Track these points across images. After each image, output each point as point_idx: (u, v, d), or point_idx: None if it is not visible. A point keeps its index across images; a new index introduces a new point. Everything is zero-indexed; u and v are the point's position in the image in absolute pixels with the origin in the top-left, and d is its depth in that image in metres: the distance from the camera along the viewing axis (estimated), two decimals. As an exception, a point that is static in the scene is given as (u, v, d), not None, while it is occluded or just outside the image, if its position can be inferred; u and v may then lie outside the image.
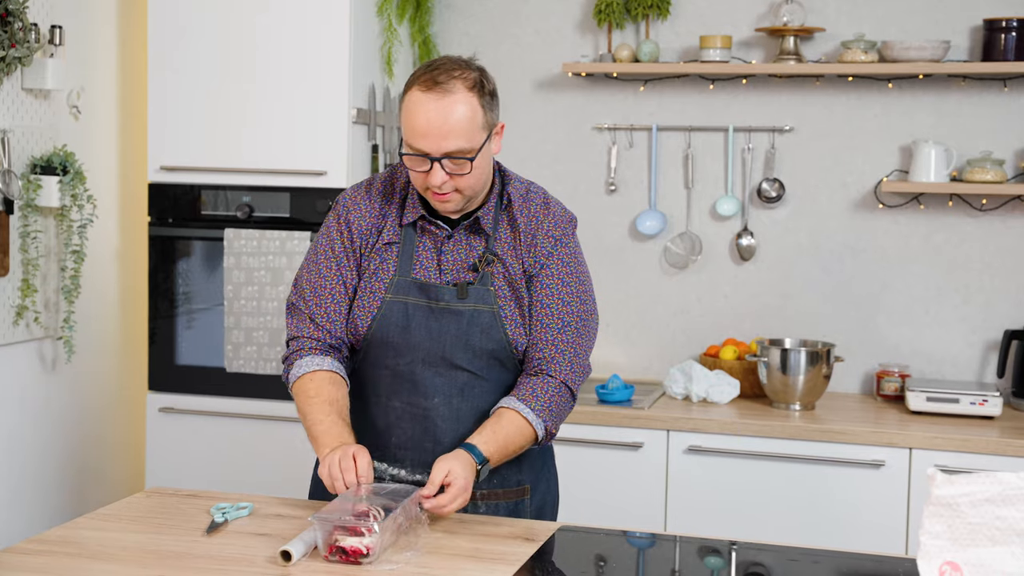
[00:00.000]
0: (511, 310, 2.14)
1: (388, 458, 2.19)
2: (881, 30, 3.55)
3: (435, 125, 2.02)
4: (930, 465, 3.09)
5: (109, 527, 2.01)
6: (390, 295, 2.15)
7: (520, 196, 2.18)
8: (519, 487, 2.22)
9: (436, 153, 2.04)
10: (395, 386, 2.16)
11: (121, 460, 3.81)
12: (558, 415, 2.16)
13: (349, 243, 2.19)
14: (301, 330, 2.20)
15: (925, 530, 1.43)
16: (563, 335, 2.15)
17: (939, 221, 3.56)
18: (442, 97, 2.02)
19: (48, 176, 3.29)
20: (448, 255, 2.16)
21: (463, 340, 2.13)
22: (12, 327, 3.28)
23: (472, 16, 3.86)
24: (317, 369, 2.16)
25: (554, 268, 2.15)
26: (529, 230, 2.15)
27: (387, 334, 2.14)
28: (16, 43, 3.15)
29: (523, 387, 2.15)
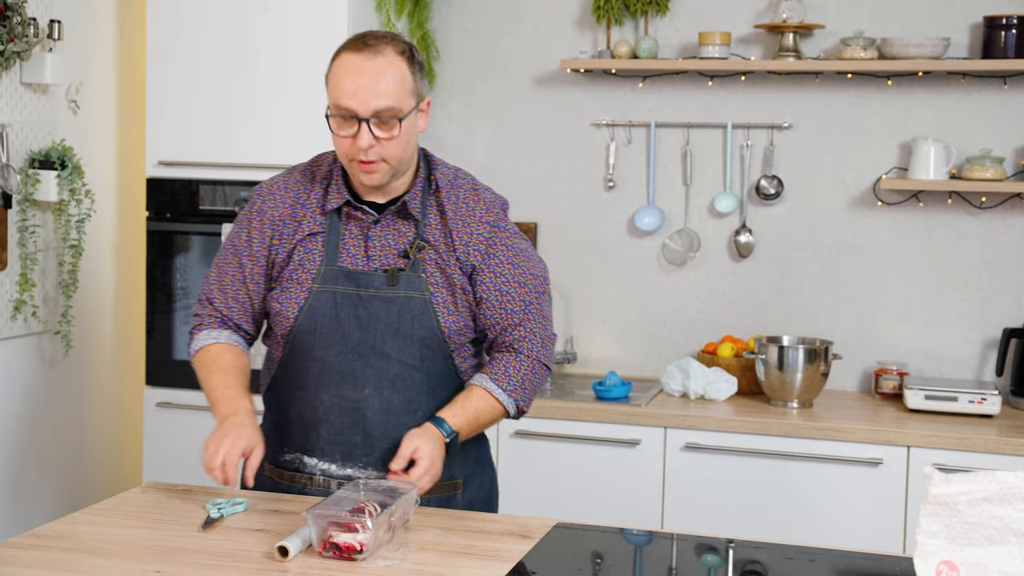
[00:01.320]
0: (443, 297, 2.13)
1: (317, 452, 2.16)
2: (880, 27, 3.54)
3: (365, 84, 2.03)
4: (928, 464, 3.09)
5: (105, 522, 2.01)
6: (317, 285, 2.13)
7: (448, 182, 2.18)
8: (451, 481, 2.20)
9: (365, 112, 2.03)
10: (323, 378, 2.13)
11: (118, 455, 3.81)
12: (531, 391, 2.20)
13: (258, 234, 2.18)
14: (203, 309, 2.25)
15: (922, 529, 1.43)
16: (527, 315, 2.18)
17: (938, 219, 3.56)
18: (373, 57, 2.05)
19: (46, 171, 3.29)
20: (375, 241, 2.14)
21: (394, 328, 2.11)
22: (10, 321, 3.28)
23: (470, 12, 3.86)
24: (214, 342, 2.20)
25: (500, 255, 2.16)
26: (459, 217, 2.15)
27: (315, 324, 2.13)
28: (15, 37, 3.14)
29: (495, 364, 2.18)
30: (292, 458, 2.20)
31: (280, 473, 2.21)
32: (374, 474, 2.14)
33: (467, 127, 3.88)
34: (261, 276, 2.19)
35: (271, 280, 2.19)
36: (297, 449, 2.19)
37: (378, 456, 2.14)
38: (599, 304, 3.81)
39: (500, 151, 3.86)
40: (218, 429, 2.07)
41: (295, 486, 2.19)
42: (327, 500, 1.91)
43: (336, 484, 2.15)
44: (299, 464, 2.19)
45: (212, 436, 2.05)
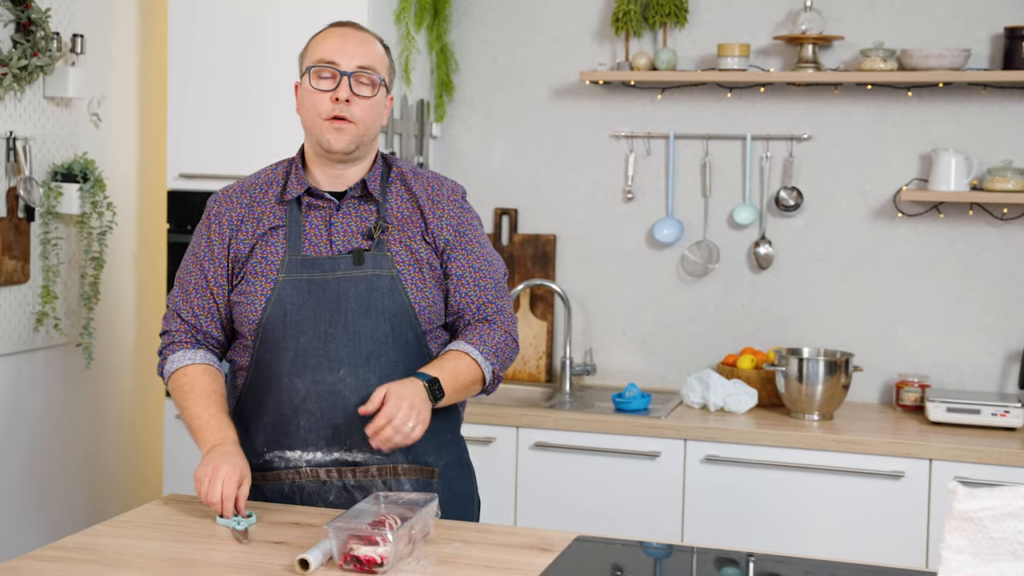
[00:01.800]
0: (410, 273, 2.16)
1: (299, 444, 2.16)
2: (900, 38, 3.53)
3: (350, 44, 2.16)
4: (951, 477, 3.07)
5: (126, 534, 2.02)
6: (283, 275, 2.15)
7: (410, 169, 2.26)
8: (427, 467, 2.20)
9: (348, 67, 2.14)
10: (298, 365, 2.13)
11: (138, 466, 3.82)
12: (505, 360, 2.24)
13: (217, 236, 2.20)
14: (170, 324, 2.25)
15: (946, 544, 1.42)
16: (498, 293, 2.24)
17: (959, 230, 3.54)
18: (359, 30, 2.20)
19: (68, 183, 3.31)
20: (338, 226, 2.17)
21: (364, 305, 2.13)
22: (32, 334, 3.30)
23: (489, 24, 3.87)
24: (190, 363, 2.20)
25: (470, 234, 2.23)
26: (429, 196, 2.21)
27: (283, 313, 2.13)
28: (38, 52, 3.17)
29: (469, 331, 2.21)
30: (271, 457, 2.19)
31: (262, 476, 2.20)
32: (360, 456, 2.14)
33: (486, 139, 3.89)
34: (224, 278, 2.20)
35: (234, 278, 2.20)
36: (275, 447, 2.18)
37: (360, 437, 2.13)
38: (618, 316, 3.80)
39: (519, 162, 3.87)
40: (208, 460, 2.06)
41: (283, 483, 2.18)
42: (347, 513, 1.91)
43: (325, 472, 2.15)
44: (280, 461, 2.18)
45: (203, 468, 2.05)
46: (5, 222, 3.16)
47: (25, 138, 3.22)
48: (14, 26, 3.15)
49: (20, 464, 3.31)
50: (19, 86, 3.15)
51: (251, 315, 2.15)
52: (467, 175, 3.87)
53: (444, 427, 2.25)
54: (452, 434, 2.29)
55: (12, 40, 3.14)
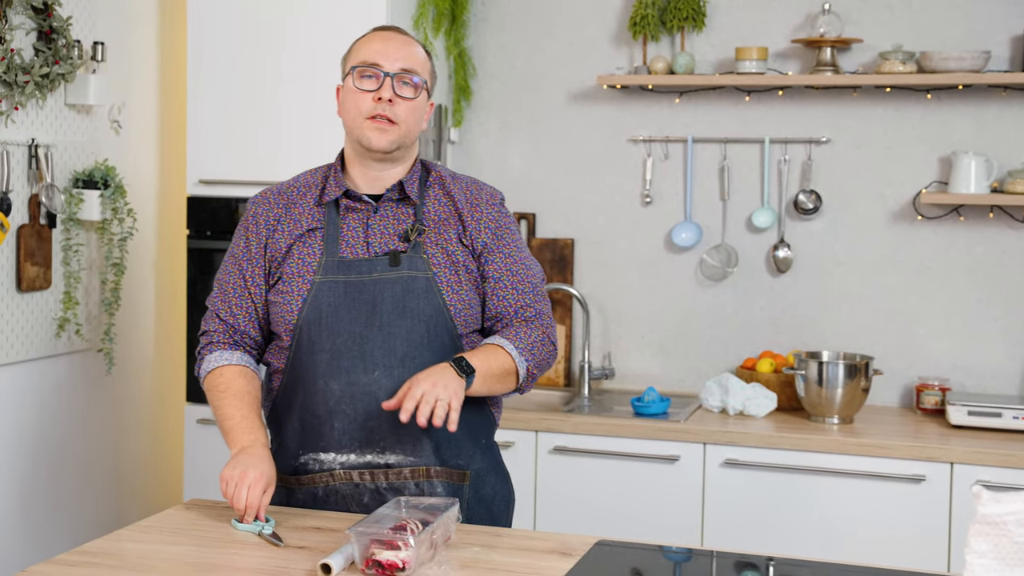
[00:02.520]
0: (446, 276, 2.17)
1: (333, 446, 2.16)
2: (919, 41, 3.52)
3: (393, 47, 2.18)
4: (972, 480, 3.06)
5: (149, 539, 2.03)
6: (319, 276, 2.16)
7: (449, 174, 2.27)
8: (459, 470, 2.20)
9: (391, 68, 2.16)
10: (333, 367, 2.14)
11: (159, 470, 3.84)
12: (541, 360, 2.23)
13: (255, 236, 2.22)
14: (209, 324, 2.27)
15: (971, 549, 1.42)
16: (536, 297, 2.25)
17: (979, 233, 3.53)
18: (402, 34, 2.23)
19: (90, 190, 3.33)
20: (375, 228, 2.18)
21: (399, 307, 2.13)
22: (54, 339, 3.32)
23: (507, 29, 3.88)
24: (226, 364, 2.22)
25: (508, 238, 2.24)
26: (468, 200, 2.22)
27: (319, 315, 2.15)
28: (60, 60, 3.19)
29: (507, 330, 2.21)
30: (305, 460, 2.19)
31: (296, 479, 2.21)
32: (393, 458, 2.15)
33: (504, 143, 3.90)
34: (261, 278, 2.22)
35: (270, 278, 2.21)
36: (310, 449, 2.18)
37: (395, 440, 2.15)
38: (637, 320, 3.80)
39: (537, 167, 3.87)
40: (236, 462, 2.07)
41: (316, 487, 2.19)
42: (369, 517, 1.92)
43: (358, 474, 2.16)
44: (314, 464, 2.19)
45: (230, 470, 2.06)
46: (27, 229, 3.19)
47: (47, 145, 3.24)
48: (36, 34, 3.18)
49: (43, 469, 3.34)
50: (41, 94, 3.17)
51: (287, 316, 2.17)
52: (485, 180, 3.87)
53: (477, 431, 2.26)
54: (486, 438, 2.29)
55: (34, 48, 3.17)
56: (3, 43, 3.02)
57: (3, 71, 3.02)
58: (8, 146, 3.11)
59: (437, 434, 2.16)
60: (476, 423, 2.25)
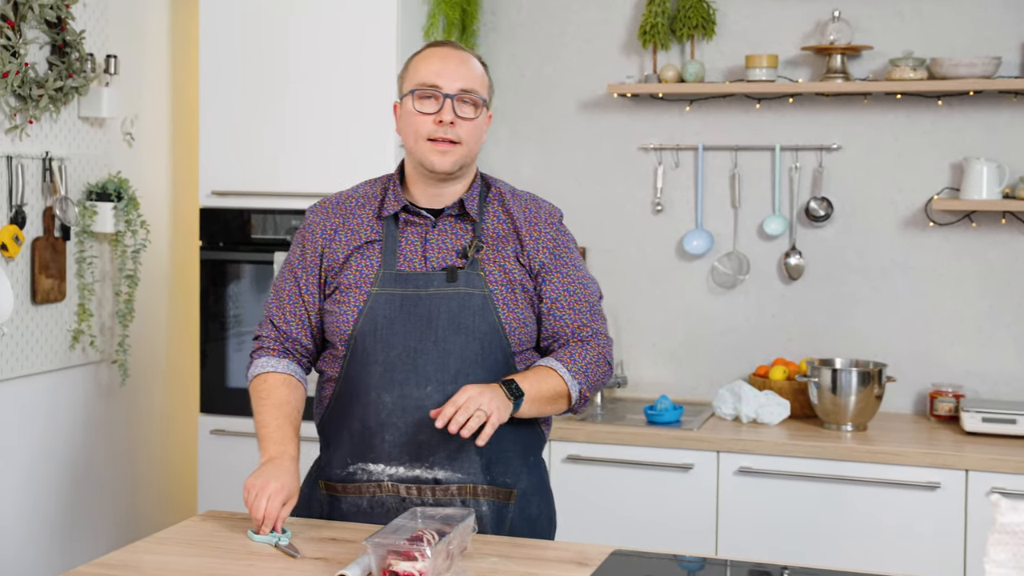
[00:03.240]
0: (503, 293, 2.16)
1: (383, 458, 2.17)
2: (929, 47, 3.52)
3: (452, 66, 2.16)
4: (987, 487, 3.05)
5: (167, 551, 2.04)
6: (376, 288, 2.16)
7: (509, 190, 2.26)
8: (505, 488, 2.20)
9: (451, 89, 2.15)
10: (386, 379, 2.14)
11: (174, 481, 3.85)
12: (595, 381, 2.22)
13: (311, 245, 2.23)
14: (263, 330, 2.29)
15: (990, 558, 1.41)
16: (593, 317, 2.24)
17: (992, 238, 3.52)
18: (459, 50, 2.21)
19: (103, 202, 3.35)
20: (433, 243, 2.19)
21: (455, 323, 2.14)
22: (69, 351, 3.34)
23: (517, 38, 3.88)
24: (272, 371, 2.23)
25: (565, 257, 2.23)
26: (527, 218, 2.21)
27: (375, 326, 2.15)
28: (73, 73, 3.21)
29: (560, 350, 2.21)
30: (354, 469, 2.20)
31: (343, 487, 2.21)
32: (441, 474, 2.15)
33: (515, 152, 3.90)
34: (315, 287, 2.23)
35: (325, 289, 2.22)
36: (359, 460, 2.19)
37: (444, 455, 2.15)
38: (648, 328, 3.80)
39: (548, 176, 3.88)
40: (261, 472, 2.08)
41: (362, 497, 2.19)
42: (386, 528, 1.92)
43: (405, 488, 2.16)
44: (363, 474, 2.19)
45: (254, 479, 2.07)
46: (41, 241, 3.20)
47: (60, 158, 3.26)
48: (50, 48, 3.19)
49: (57, 480, 3.35)
50: (55, 107, 3.19)
51: (343, 326, 2.17)
52: (496, 189, 3.88)
53: (526, 449, 2.25)
54: (534, 456, 2.28)
55: (48, 62, 3.19)
56: (17, 57, 3.04)
57: (17, 85, 3.04)
58: (22, 159, 3.13)
59: (487, 452, 2.16)
60: (526, 440, 2.25)
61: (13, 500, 3.18)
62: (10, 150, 3.10)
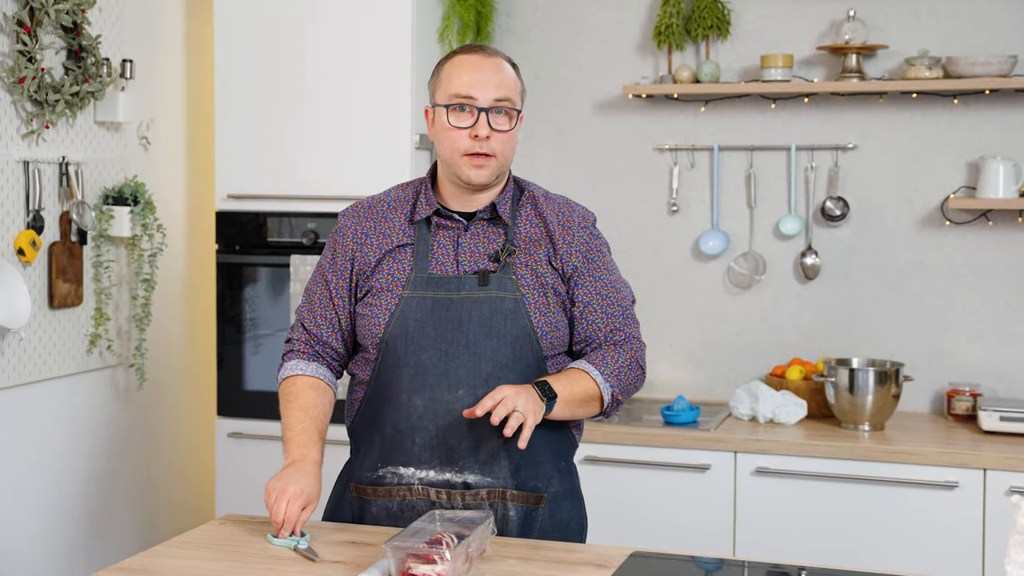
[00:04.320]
0: (535, 298, 2.16)
1: (413, 461, 2.17)
2: (945, 46, 3.51)
3: (485, 76, 2.13)
4: (1005, 486, 3.04)
5: (187, 555, 2.04)
6: (408, 291, 2.16)
7: (542, 193, 2.25)
8: (535, 493, 2.19)
9: (485, 102, 2.13)
10: (417, 382, 2.14)
11: (191, 485, 3.87)
12: (627, 385, 2.21)
13: (341, 248, 2.23)
14: (294, 333, 2.29)
15: (1011, 559, 1.41)
16: (626, 321, 2.23)
17: (1009, 237, 3.51)
18: (490, 57, 2.17)
19: (119, 207, 3.36)
20: (466, 247, 2.18)
21: (486, 327, 2.13)
22: (86, 356, 3.35)
23: (532, 40, 3.88)
24: (301, 373, 2.23)
25: (598, 261, 2.22)
26: (560, 222, 2.21)
27: (406, 329, 2.15)
28: (89, 78, 3.23)
29: (593, 354, 2.20)
30: (384, 472, 2.20)
31: (373, 490, 2.21)
32: (471, 478, 2.15)
33: (530, 154, 3.90)
34: (346, 291, 2.23)
35: (357, 292, 2.22)
36: (389, 463, 2.19)
37: (474, 459, 2.15)
38: (665, 328, 3.80)
39: (563, 177, 3.88)
40: (283, 475, 2.09)
41: (392, 500, 2.19)
42: (404, 531, 1.92)
43: (435, 492, 2.17)
44: (392, 477, 2.19)
45: (275, 482, 2.07)
46: (58, 246, 3.22)
47: (77, 163, 3.27)
48: (66, 53, 3.21)
49: (75, 484, 3.36)
50: (71, 112, 3.20)
51: (374, 329, 2.17)
52: (511, 190, 3.88)
53: (557, 454, 2.24)
54: (565, 460, 2.27)
55: (64, 67, 3.20)
56: (34, 62, 3.05)
57: (34, 90, 3.05)
58: (39, 164, 3.14)
59: (517, 456, 2.16)
60: (557, 444, 2.24)
61: (31, 504, 3.20)
62: (27, 155, 3.11)
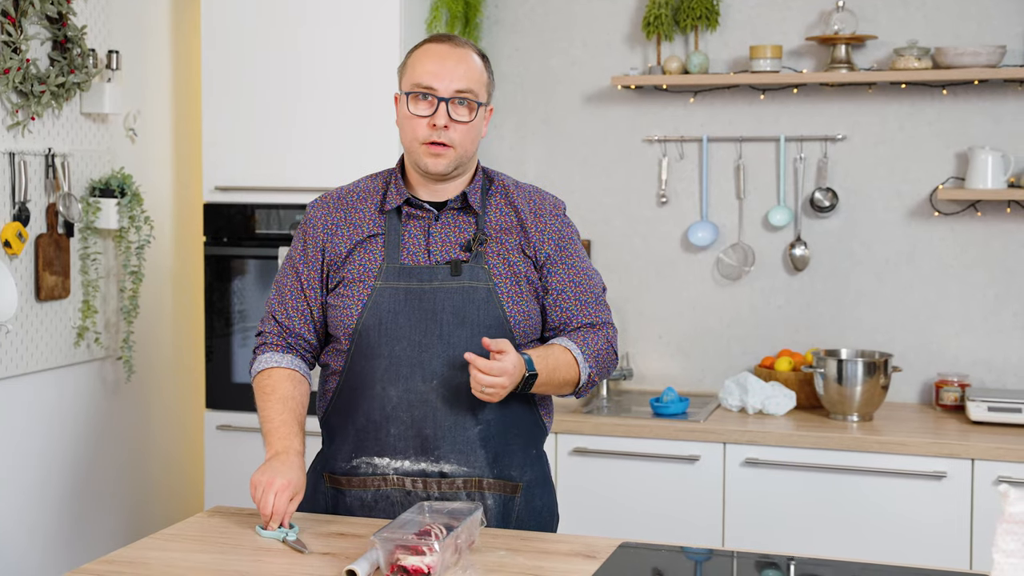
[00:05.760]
0: (507, 287, 2.17)
1: (388, 451, 2.17)
2: (934, 36, 3.51)
3: (448, 66, 2.14)
4: (993, 477, 3.05)
5: (175, 547, 2.04)
6: (380, 282, 2.16)
7: (512, 183, 2.27)
8: (511, 482, 2.20)
9: (446, 92, 2.13)
10: (392, 373, 2.15)
11: (180, 477, 3.86)
12: (603, 367, 2.24)
13: (312, 240, 2.23)
14: (265, 325, 2.28)
15: (998, 548, 1.41)
16: (596, 305, 2.25)
17: (997, 228, 3.51)
18: (457, 47, 2.17)
19: (106, 199, 3.35)
20: (436, 236, 2.19)
21: (460, 316, 2.14)
22: (73, 348, 3.34)
23: (521, 31, 3.88)
24: (276, 366, 2.22)
25: (570, 248, 2.24)
26: (531, 210, 2.22)
27: (379, 320, 2.15)
28: (75, 69, 3.21)
29: (574, 335, 2.22)
30: (358, 463, 2.20)
31: (348, 480, 2.21)
32: (447, 467, 2.15)
33: (519, 145, 3.90)
34: (317, 282, 2.23)
35: (328, 283, 2.22)
36: (364, 453, 2.19)
37: (449, 448, 2.15)
38: (654, 320, 3.80)
39: (552, 168, 3.87)
40: (267, 468, 2.08)
41: (367, 491, 2.19)
42: (393, 523, 1.92)
43: (411, 481, 2.16)
44: (367, 467, 2.19)
45: (260, 475, 2.07)
46: (45, 238, 3.20)
47: (63, 154, 3.25)
48: (51, 44, 3.19)
49: (63, 477, 3.35)
50: (57, 103, 3.19)
51: (347, 320, 2.17)
52: (500, 182, 3.88)
53: (530, 441, 2.25)
54: (536, 449, 2.28)
55: (49, 58, 3.18)
56: (19, 53, 3.03)
57: (19, 81, 3.04)
58: (25, 156, 3.13)
59: (494, 445, 2.18)
60: (529, 432, 2.25)
61: (19, 498, 3.19)
62: (12, 147, 3.10)
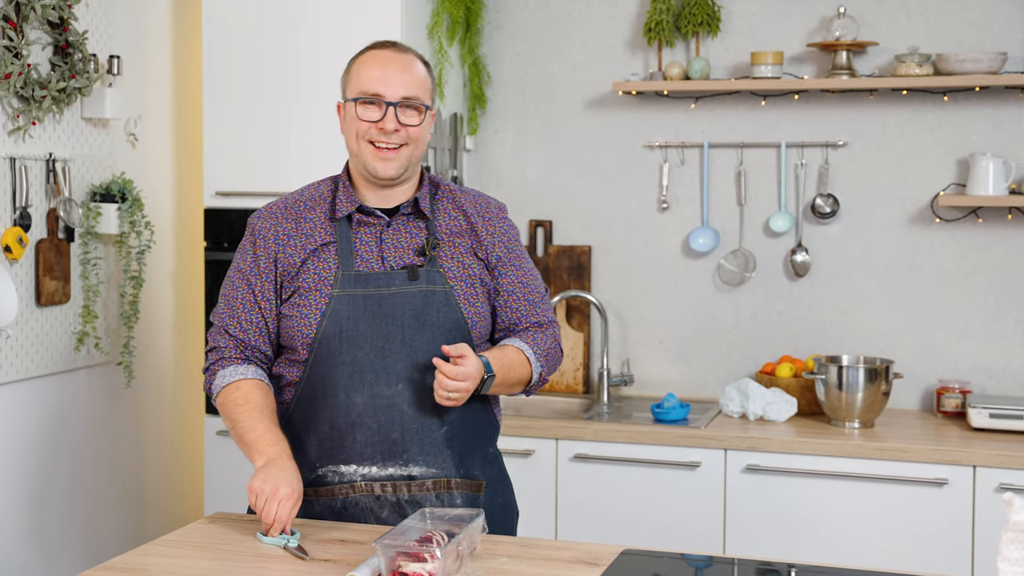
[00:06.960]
0: (463, 289, 2.21)
1: (355, 458, 2.17)
2: (935, 43, 3.51)
3: (393, 72, 2.18)
4: (995, 484, 3.05)
5: (175, 553, 2.03)
6: (337, 290, 2.17)
7: (457, 188, 2.31)
8: (474, 481, 2.23)
9: (393, 97, 2.17)
10: (355, 380, 2.15)
11: (180, 483, 3.85)
12: (551, 364, 2.31)
13: (263, 251, 2.22)
14: (218, 340, 2.26)
15: (1003, 557, 1.41)
16: (543, 304, 2.32)
17: (998, 234, 3.51)
18: (401, 54, 2.22)
19: (107, 203, 3.34)
20: (389, 242, 2.21)
21: (420, 321, 2.16)
22: (74, 353, 3.33)
23: (521, 36, 3.88)
24: (241, 378, 2.21)
25: (517, 250, 2.30)
26: (480, 213, 2.26)
27: (339, 328, 2.15)
28: (76, 74, 3.21)
29: (523, 334, 2.27)
30: (324, 472, 2.19)
31: (315, 491, 2.20)
32: (416, 470, 2.17)
33: (520, 151, 3.90)
34: (272, 293, 2.22)
35: (281, 293, 2.22)
36: (329, 462, 2.19)
37: (417, 451, 2.16)
38: (655, 326, 3.79)
39: (553, 174, 3.87)
40: (266, 475, 2.06)
41: (335, 499, 2.19)
42: (394, 530, 1.91)
43: (380, 486, 2.17)
44: (334, 476, 2.19)
45: (260, 483, 2.05)
46: (46, 243, 3.20)
47: (64, 159, 3.25)
48: (52, 49, 3.19)
49: (62, 483, 3.34)
50: (58, 108, 3.18)
51: (305, 329, 2.17)
52: (501, 187, 3.87)
53: (486, 439, 2.29)
54: (492, 447, 2.32)
55: (50, 63, 3.18)
56: (20, 58, 3.03)
57: (20, 86, 3.03)
58: (26, 161, 3.12)
59: (459, 445, 2.20)
60: (485, 431, 2.29)
61: (19, 503, 3.18)
62: (13, 151, 3.09)
